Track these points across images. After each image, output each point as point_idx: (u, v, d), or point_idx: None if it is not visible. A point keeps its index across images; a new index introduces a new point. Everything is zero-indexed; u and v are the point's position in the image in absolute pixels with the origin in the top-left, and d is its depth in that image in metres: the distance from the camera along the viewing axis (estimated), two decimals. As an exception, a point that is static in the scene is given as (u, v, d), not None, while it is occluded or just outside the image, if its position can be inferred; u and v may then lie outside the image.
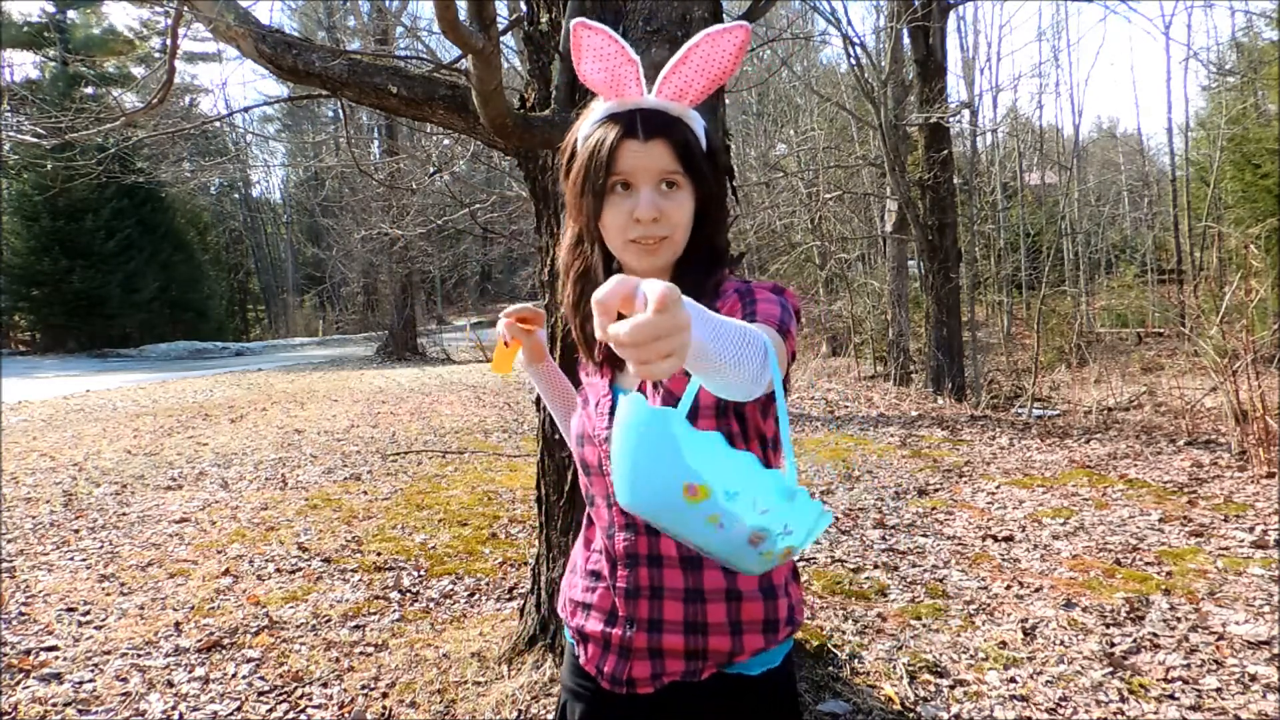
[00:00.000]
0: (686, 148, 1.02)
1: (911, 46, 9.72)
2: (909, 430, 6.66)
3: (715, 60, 1.01)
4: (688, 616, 1.05)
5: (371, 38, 15.94)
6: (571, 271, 1.10)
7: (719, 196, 1.07)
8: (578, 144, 1.06)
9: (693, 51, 1.01)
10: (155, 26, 18.24)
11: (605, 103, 1.04)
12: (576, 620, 1.15)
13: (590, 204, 1.02)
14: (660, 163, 1.00)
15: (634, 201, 1.00)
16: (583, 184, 1.02)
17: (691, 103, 1.04)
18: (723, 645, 1.05)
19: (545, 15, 2.33)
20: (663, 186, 1.00)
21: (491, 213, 11.07)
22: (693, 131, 1.04)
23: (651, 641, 1.07)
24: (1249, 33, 17.12)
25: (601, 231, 1.04)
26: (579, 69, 1.04)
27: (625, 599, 1.07)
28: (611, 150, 0.99)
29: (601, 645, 1.11)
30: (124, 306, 20.86)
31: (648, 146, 0.99)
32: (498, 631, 2.82)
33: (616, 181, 1.00)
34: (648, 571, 1.06)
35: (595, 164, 1.00)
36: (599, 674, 1.11)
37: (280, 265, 37.68)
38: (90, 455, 6.46)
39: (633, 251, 1.02)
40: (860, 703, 2.33)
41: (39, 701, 2.44)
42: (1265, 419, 4.81)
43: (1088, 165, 25.17)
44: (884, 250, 12.52)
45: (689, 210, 1.03)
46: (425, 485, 5.18)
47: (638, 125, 1.00)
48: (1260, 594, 2.95)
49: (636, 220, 0.99)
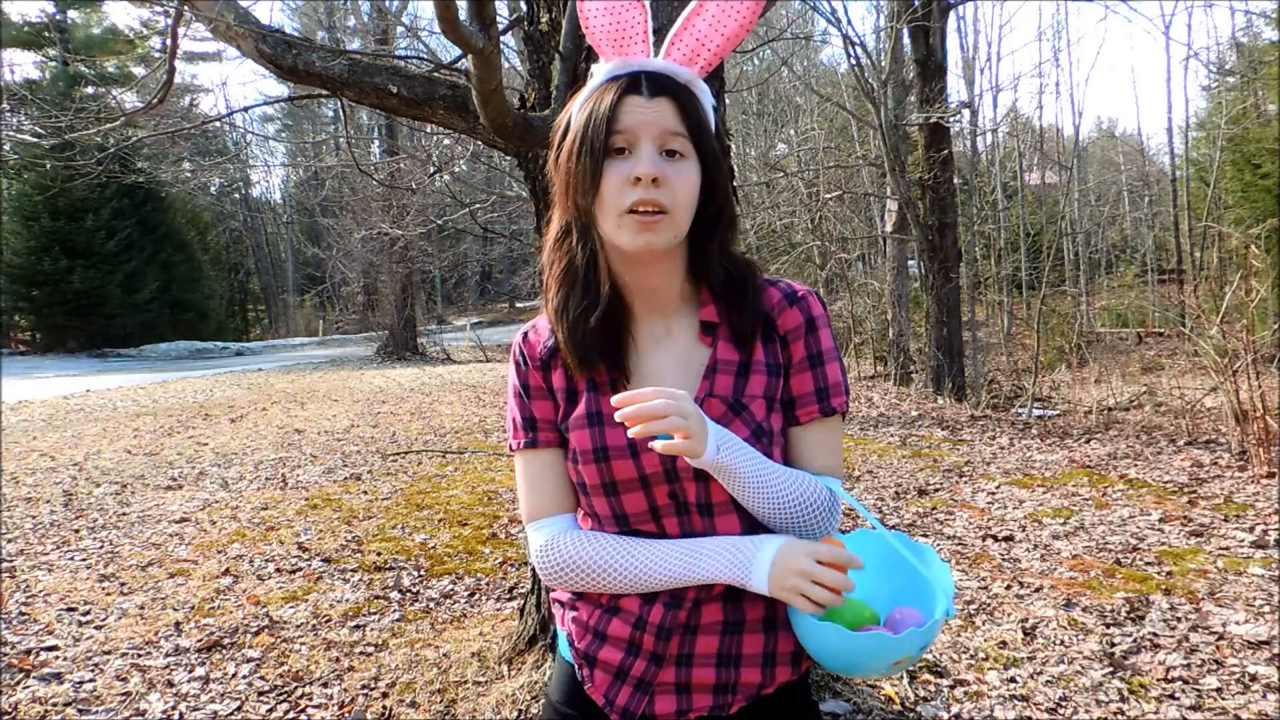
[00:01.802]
0: (695, 113, 0.92)
1: (911, 46, 9.72)
2: (909, 430, 6.66)
3: (732, 13, 0.93)
4: (722, 649, 0.97)
5: (371, 38, 15.95)
6: (555, 268, 0.97)
7: (725, 181, 0.97)
8: (571, 120, 0.95)
9: (706, 3, 0.92)
10: (155, 26, 18.22)
11: (605, 65, 0.95)
12: (586, 645, 1.02)
13: (586, 170, 0.90)
14: (664, 121, 0.89)
15: (632, 163, 0.89)
16: (578, 150, 0.91)
17: (704, 68, 0.95)
18: (753, 678, 0.98)
19: (545, 15, 2.33)
20: (664, 154, 0.90)
21: (491, 213, 11.07)
22: (701, 101, 0.94)
23: (680, 676, 0.98)
24: (1249, 33, 17.15)
25: (598, 208, 0.91)
26: (581, 10, 0.96)
27: (657, 637, 0.96)
28: (612, 107, 0.89)
29: (614, 675, 0.99)
30: (124, 306, 20.86)
31: (653, 103, 0.90)
32: (498, 631, 2.82)
33: (615, 144, 0.89)
34: (688, 612, 0.96)
35: (593, 124, 0.90)
36: (608, 705, 1.00)
37: (280, 265, 37.69)
38: (90, 455, 6.46)
39: (629, 225, 0.89)
40: (860, 703, 2.33)
41: (39, 701, 2.44)
42: (1265, 419, 4.81)
43: (1088, 165, 25.17)
44: (884, 250, 12.53)
45: (693, 185, 0.92)
46: (425, 485, 5.18)
47: (642, 82, 0.91)
48: (1260, 594, 2.95)
49: (636, 180, 0.88)
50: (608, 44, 0.95)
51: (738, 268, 0.99)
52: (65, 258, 19.78)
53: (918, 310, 11.42)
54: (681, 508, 0.96)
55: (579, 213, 0.94)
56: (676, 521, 0.96)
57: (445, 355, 17.85)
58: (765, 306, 0.99)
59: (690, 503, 0.96)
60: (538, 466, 1.01)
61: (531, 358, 1.01)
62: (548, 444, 1.00)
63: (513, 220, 16.26)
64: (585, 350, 0.95)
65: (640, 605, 0.97)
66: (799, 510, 0.94)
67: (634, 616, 0.98)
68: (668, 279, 0.98)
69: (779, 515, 0.94)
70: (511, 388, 1.04)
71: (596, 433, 0.95)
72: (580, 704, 1.03)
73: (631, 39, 0.93)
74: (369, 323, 21.52)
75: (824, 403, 0.99)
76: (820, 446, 1.00)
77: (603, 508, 0.97)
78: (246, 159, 28.46)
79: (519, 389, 1.02)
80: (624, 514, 0.96)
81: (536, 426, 1.00)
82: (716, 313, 0.98)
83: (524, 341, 1.03)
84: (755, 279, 1.00)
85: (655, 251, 0.92)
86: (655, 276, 0.97)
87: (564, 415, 0.99)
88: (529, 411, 1.01)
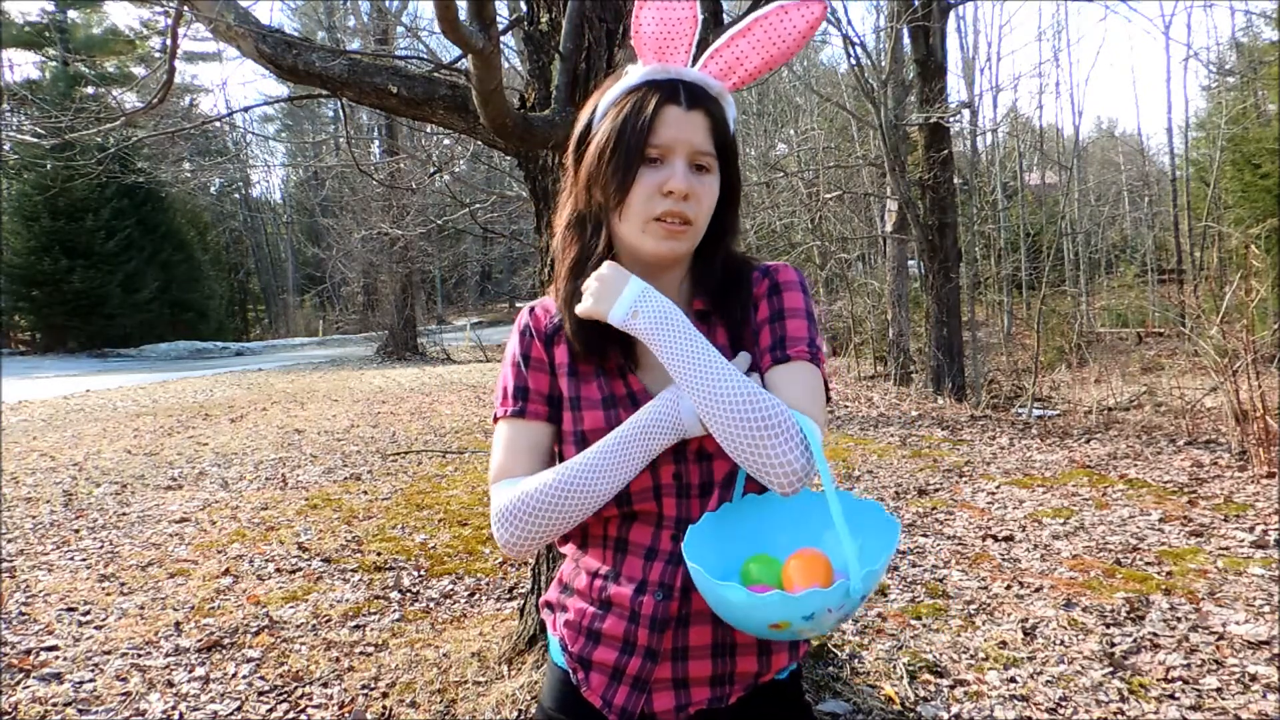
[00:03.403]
0: (723, 127, 0.95)
1: (911, 46, 9.72)
2: (909, 430, 6.66)
3: (780, 37, 0.94)
4: (716, 639, 0.98)
5: (371, 38, 15.96)
6: (566, 255, 1.00)
7: (738, 192, 1.01)
8: (596, 114, 0.97)
9: (757, 24, 0.94)
10: (155, 26, 18.23)
11: (641, 67, 0.96)
12: (580, 647, 1.02)
13: (619, 174, 0.92)
14: (697, 137, 0.93)
15: (665, 174, 0.92)
16: (611, 152, 0.92)
17: (736, 85, 0.97)
18: (750, 667, 0.99)
19: (545, 15, 2.33)
20: (693, 168, 0.93)
21: (491, 213, 11.07)
22: (729, 116, 0.97)
23: (676, 671, 0.98)
24: (1249, 33, 17.15)
25: (622, 210, 0.94)
26: (636, 13, 0.96)
27: (651, 630, 0.96)
28: (652, 117, 0.91)
29: (610, 675, 0.99)
30: (124, 306, 20.85)
31: (689, 116, 0.92)
32: (498, 631, 2.82)
33: (650, 154, 0.92)
34: (679, 604, 0.97)
35: (632, 129, 0.91)
36: (606, 706, 0.99)
37: (280, 265, 37.69)
38: (90, 455, 6.46)
39: (655, 232, 0.93)
40: (860, 703, 2.33)
41: (39, 701, 2.44)
42: (1265, 419, 4.81)
43: (1088, 165, 25.18)
44: (884, 250, 12.53)
45: (715, 197, 0.96)
46: (425, 485, 5.18)
47: (681, 92, 0.93)
48: (1260, 594, 2.95)
49: (667, 193, 0.91)
50: (652, 48, 0.96)
51: (734, 265, 1.03)
52: (65, 258, 19.77)
53: (918, 310, 11.42)
54: (683, 490, 0.97)
55: (598, 208, 0.97)
56: (675, 502, 0.97)
57: (445, 355, 17.85)
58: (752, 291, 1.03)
59: (692, 484, 0.98)
60: (521, 435, 1.00)
61: (538, 330, 1.03)
62: (535, 415, 1.00)
63: (513, 220, 16.25)
64: (592, 339, 0.98)
65: (631, 597, 0.97)
66: (739, 407, 0.87)
67: (626, 610, 0.97)
68: (672, 277, 1.02)
69: (716, 409, 0.88)
70: (510, 356, 1.04)
71: (611, 415, 0.98)
72: (574, 709, 1.03)
73: (677, 47, 0.95)
74: (369, 323, 21.51)
75: (778, 350, 0.97)
76: (785, 385, 0.94)
77: None
78: (246, 159, 28.46)
79: (518, 358, 1.03)
80: (627, 493, 0.96)
81: (528, 397, 1.01)
82: (711, 303, 1.01)
83: (531, 315, 1.04)
84: (749, 273, 1.03)
85: (676, 257, 0.96)
86: (664, 276, 1.00)
87: (568, 391, 1.00)
88: (524, 381, 1.01)
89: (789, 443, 0.87)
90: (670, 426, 0.92)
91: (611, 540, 1.01)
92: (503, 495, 0.96)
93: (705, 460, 0.97)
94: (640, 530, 0.99)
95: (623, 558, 1.00)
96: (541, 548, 1.01)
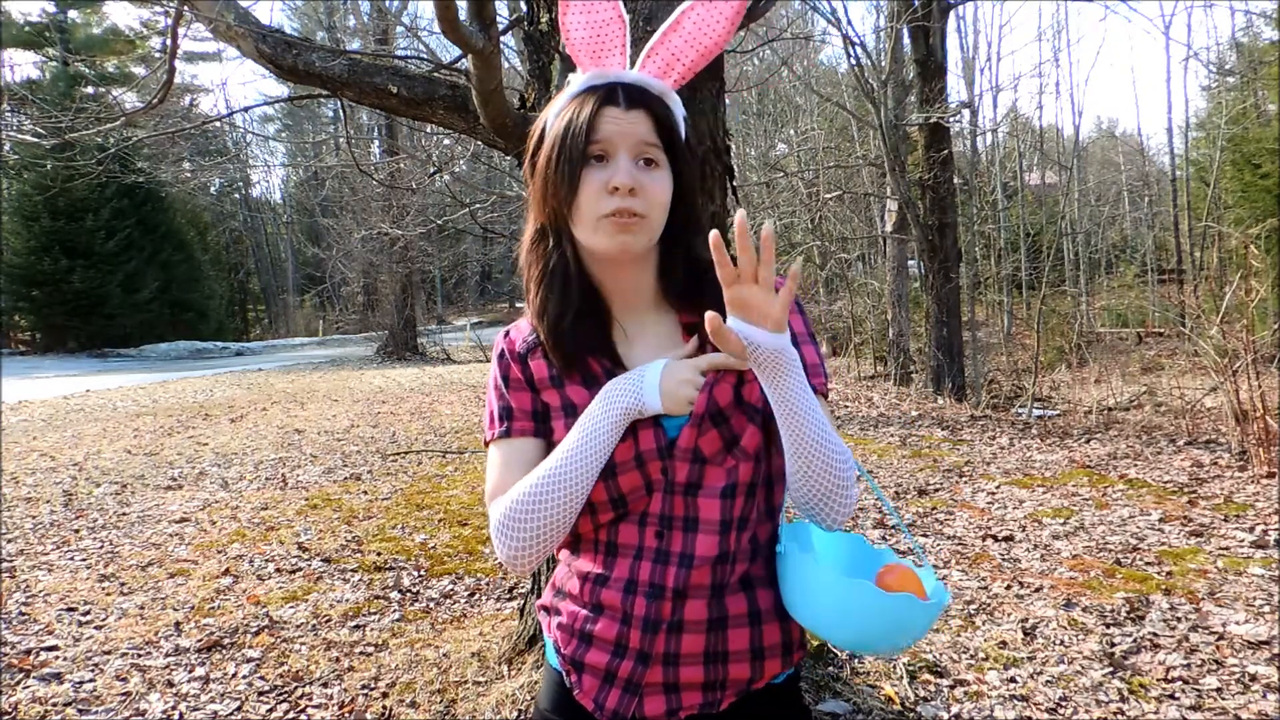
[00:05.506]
0: (668, 123, 0.96)
1: (911, 46, 9.72)
2: (909, 430, 6.66)
3: (707, 30, 0.96)
4: (708, 647, 0.97)
5: (371, 38, 15.96)
6: (533, 269, 1.02)
7: (694, 190, 1.02)
8: (547, 126, 0.99)
9: (684, 18, 0.95)
10: (155, 26, 18.22)
11: (581, 75, 0.98)
12: (572, 649, 1.02)
13: (565, 178, 0.93)
14: (640, 131, 0.93)
15: (610, 171, 0.92)
16: (556, 158, 0.94)
17: (677, 81, 0.98)
18: (742, 674, 0.99)
19: (545, 15, 2.32)
20: (640, 163, 0.94)
21: (491, 213, 11.06)
22: (674, 113, 0.98)
23: (668, 676, 0.98)
24: (1249, 33, 17.15)
25: (574, 214, 0.95)
26: (563, 21, 0.98)
27: (643, 631, 0.96)
28: (590, 118, 0.92)
29: (602, 678, 0.99)
30: (124, 306, 20.86)
31: (629, 114, 0.93)
32: (498, 631, 2.82)
33: (593, 152, 0.93)
34: (671, 605, 0.97)
35: (572, 133, 0.93)
36: (597, 708, 0.99)
37: (280, 265, 37.69)
38: (90, 455, 6.46)
39: (606, 229, 0.93)
40: (860, 703, 2.33)
41: (39, 701, 2.44)
42: (1265, 419, 4.81)
43: (1088, 165, 25.18)
44: (884, 250, 12.53)
45: (667, 191, 0.96)
46: (425, 485, 5.18)
47: (619, 93, 0.94)
48: (1260, 594, 2.95)
49: (613, 189, 0.91)
50: (586, 55, 0.98)
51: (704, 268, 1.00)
52: (65, 258, 19.78)
53: (918, 310, 11.42)
54: (669, 486, 0.97)
55: (555, 216, 0.98)
56: (661, 498, 0.98)
57: (445, 355, 17.85)
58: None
59: (679, 482, 0.97)
60: (511, 454, 1.01)
61: (512, 352, 1.04)
62: (522, 432, 1.02)
63: (513, 220, 16.24)
64: (568, 348, 0.99)
65: (622, 598, 0.98)
66: (833, 454, 0.92)
67: (618, 613, 0.98)
68: (640, 279, 1.02)
69: (816, 453, 0.91)
70: (492, 382, 1.05)
71: None
72: (568, 711, 1.03)
73: (610, 51, 0.97)
74: (369, 323, 21.51)
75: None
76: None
77: (599, 493, 0.98)
78: (246, 159, 28.47)
79: (499, 381, 1.04)
80: (621, 495, 0.97)
81: (512, 416, 1.02)
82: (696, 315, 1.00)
83: (506, 339, 1.07)
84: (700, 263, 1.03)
85: (631, 253, 0.96)
86: (629, 277, 1.01)
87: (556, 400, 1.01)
88: (506, 402, 1.03)
89: (854, 488, 0.95)
90: (630, 391, 0.93)
91: (602, 544, 1.01)
92: (496, 510, 0.98)
93: (699, 462, 0.97)
94: (627, 530, 0.99)
95: (613, 560, 1.00)
96: (543, 558, 1.00)
